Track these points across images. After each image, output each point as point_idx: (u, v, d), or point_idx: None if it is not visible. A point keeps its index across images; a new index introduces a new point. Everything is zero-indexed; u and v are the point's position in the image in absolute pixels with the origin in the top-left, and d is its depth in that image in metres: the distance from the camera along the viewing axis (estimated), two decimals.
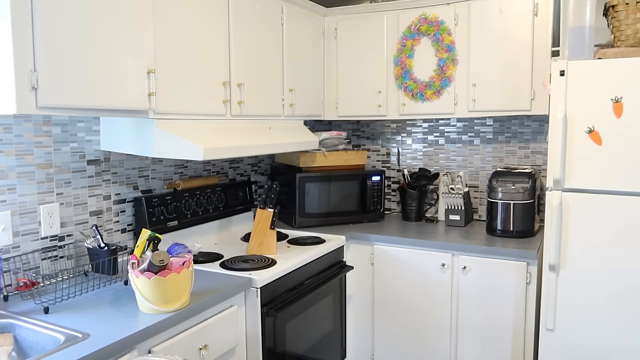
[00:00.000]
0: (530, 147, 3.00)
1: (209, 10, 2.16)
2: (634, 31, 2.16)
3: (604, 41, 2.42)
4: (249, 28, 2.41)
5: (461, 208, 2.93)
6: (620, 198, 2.07)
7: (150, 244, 1.74)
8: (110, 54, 1.68)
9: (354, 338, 2.88)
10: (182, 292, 1.68)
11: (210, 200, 2.61)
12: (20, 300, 1.73)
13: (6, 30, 1.39)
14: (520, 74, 2.64)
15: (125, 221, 2.27)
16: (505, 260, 2.47)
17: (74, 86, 1.56)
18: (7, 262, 1.77)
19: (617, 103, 2.04)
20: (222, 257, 2.32)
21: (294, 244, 2.58)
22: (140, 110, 1.84)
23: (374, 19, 2.98)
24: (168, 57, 1.95)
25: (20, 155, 1.84)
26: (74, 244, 2.02)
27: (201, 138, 2.03)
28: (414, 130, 3.35)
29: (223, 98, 2.26)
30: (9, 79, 1.40)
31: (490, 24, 2.68)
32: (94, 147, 2.11)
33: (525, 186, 2.62)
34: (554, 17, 2.53)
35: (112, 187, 2.20)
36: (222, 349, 1.88)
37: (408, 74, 2.92)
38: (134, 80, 1.78)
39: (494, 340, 2.52)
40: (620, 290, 2.09)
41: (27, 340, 1.54)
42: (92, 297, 1.78)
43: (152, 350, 1.57)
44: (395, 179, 3.42)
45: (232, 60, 2.30)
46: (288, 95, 2.73)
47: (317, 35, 3.02)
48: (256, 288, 2.01)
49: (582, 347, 2.18)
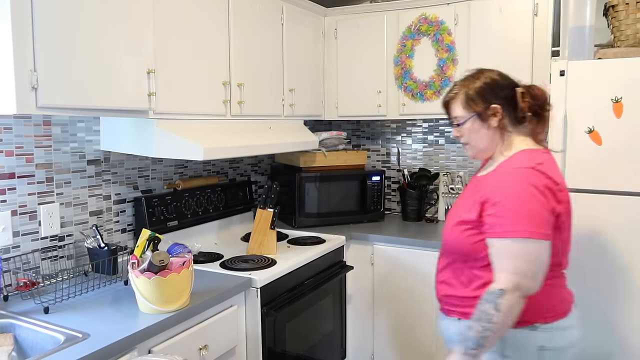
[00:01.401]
0: None
1: (209, 10, 2.15)
2: (634, 31, 2.16)
3: (604, 41, 2.42)
4: (249, 28, 2.41)
5: None
6: (620, 198, 2.07)
7: (150, 244, 1.74)
8: (110, 54, 1.68)
9: (354, 338, 2.88)
10: (182, 292, 1.68)
11: (210, 200, 2.61)
12: (20, 300, 1.73)
13: (6, 30, 1.39)
14: (520, 74, 2.60)
15: (125, 221, 2.27)
16: None
17: (74, 86, 1.56)
18: (7, 262, 1.77)
19: (617, 103, 2.04)
20: (222, 257, 2.32)
21: (294, 244, 2.58)
22: (140, 110, 1.84)
23: (374, 19, 2.98)
24: (168, 57, 1.94)
25: (20, 155, 1.84)
26: (74, 244, 2.02)
27: (201, 138, 2.03)
28: (414, 130, 3.35)
29: (223, 98, 2.26)
30: (9, 79, 1.40)
31: (490, 24, 2.68)
32: (94, 147, 2.11)
33: None
34: (554, 17, 2.53)
35: (112, 187, 2.19)
36: (222, 349, 1.88)
37: (408, 74, 2.92)
38: (134, 80, 1.78)
39: None
40: (621, 290, 2.09)
41: (27, 340, 1.54)
42: (92, 297, 1.78)
43: (152, 350, 1.57)
44: (395, 179, 3.42)
45: (232, 60, 2.30)
46: (288, 95, 2.73)
47: (317, 35, 3.02)
48: (256, 288, 2.01)
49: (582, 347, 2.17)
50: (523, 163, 1.38)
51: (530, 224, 1.30)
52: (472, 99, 1.48)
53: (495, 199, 1.36)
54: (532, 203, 1.32)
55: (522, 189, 1.33)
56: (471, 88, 1.49)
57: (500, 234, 1.33)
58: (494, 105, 1.46)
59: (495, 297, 1.30)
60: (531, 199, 1.32)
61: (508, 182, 1.37)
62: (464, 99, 1.49)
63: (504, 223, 1.32)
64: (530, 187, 1.33)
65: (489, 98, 1.47)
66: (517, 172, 1.37)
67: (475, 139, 1.50)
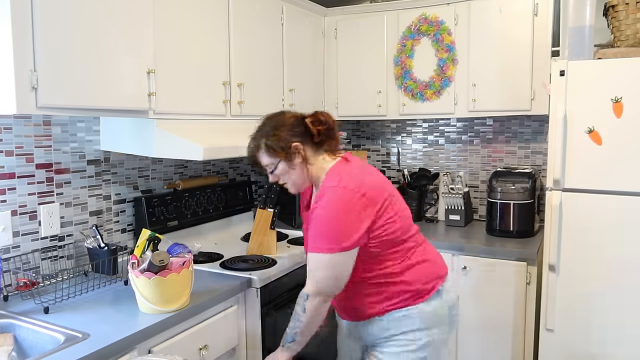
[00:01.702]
0: (530, 147, 3.00)
1: (209, 10, 2.15)
2: (634, 31, 2.16)
3: (604, 41, 2.42)
4: (249, 28, 2.41)
5: (461, 208, 2.93)
6: (620, 198, 2.07)
7: (150, 244, 1.74)
8: (110, 54, 1.68)
9: None
10: (182, 292, 1.68)
11: (210, 200, 2.61)
12: (20, 300, 1.73)
13: (6, 30, 1.39)
14: (520, 74, 2.63)
15: (125, 221, 2.27)
16: (505, 260, 2.47)
17: (74, 86, 1.56)
18: (7, 262, 1.77)
19: (617, 103, 2.04)
20: (222, 257, 2.32)
21: (294, 244, 2.58)
22: (140, 110, 1.84)
23: (374, 19, 2.98)
24: (168, 57, 1.94)
25: (20, 155, 1.84)
26: (74, 244, 2.02)
27: (201, 138, 2.02)
28: (414, 130, 3.35)
29: (223, 98, 2.26)
30: (9, 79, 1.40)
31: (490, 24, 2.68)
32: (94, 147, 2.11)
33: (525, 186, 2.62)
34: (554, 17, 2.53)
35: (112, 187, 2.19)
36: (222, 349, 1.88)
37: (408, 74, 2.92)
38: (134, 80, 1.78)
39: (494, 340, 2.52)
40: (621, 290, 2.09)
41: (27, 340, 1.54)
42: (92, 297, 1.78)
43: (152, 350, 1.57)
44: (395, 179, 3.42)
45: (232, 60, 2.30)
46: (288, 95, 2.73)
47: (317, 35, 3.02)
48: (256, 288, 2.01)
49: (582, 348, 2.18)
50: (332, 182, 1.54)
51: (329, 242, 1.49)
52: (272, 148, 1.59)
53: (314, 217, 1.54)
54: (337, 221, 1.50)
55: (329, 209, 1.51)
56: (269, 138, 1.59)
57: (310, 250, 1.55)
58: (295, 144, 1.57)
59: (303, 300, 1.56)
60: (336, 215, 1.50)
61: (321, 203, 1.53)
62: (266, 149, 1.60)
63: (313, 241, 1.54)
64: (336, 205, 1.50)
65: (287, 140, 1.57)
66: (327, 191, 1.53)
67: (291, 178, 1.63)
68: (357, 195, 1.50)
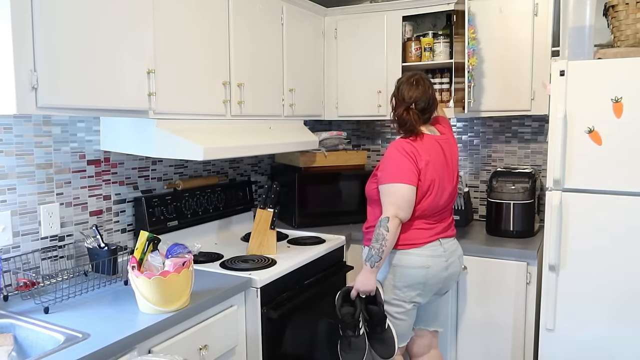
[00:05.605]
0: (530, 147, 3.00)
1: (209, 10, 2.15)
2: (634, 31, 2.16)
3: (604, 41, 2.42)
4: (249, 28, 2.41)
5: (461, 208, 2.93)
6: (620, 198, 2.07)
7: (150, 244, 1.74)
8: (110, 54, 1.68)
9: None
10: (182, 292, 1.68)
11: (210, 200, 2.61)
12: (20, 300, 1.73)
13: (6, 30, 1.39)
14: (520, 73, 2.63)
15: (125, 221, 2.27)
16: (506, 260, 2.47)
17: (73, 86, 1.56)
18: (7, 262, 1.77)
19: (617, 103, 2.04)
20: (222, 257, 2.32)
21: (294, 244, 2.58)
22: (140, 110, 1.84)
23: (374, 19, 2.97)
24: (168, 57, 1.94)
25: (20, 155, 1.84)
26: (74, 244, 2.02)
27: (201, 138, 2.03)
28: None
29: (223, 98, 2.26)
30: (9, 79, 1.40)
31: (490, 24, 2.68)
32: (94, 147, 2.11)
33: (525, 186, 2.62)
34: (554, 17, 2.53)
35: (112, 187, 2.20)
36: (222, 349, 1.88)
37: None
38: (134, 80, 1.78)
39: (494, 341, 2.52)
40: (621, 290, 2.09)
41: (27, 340, 1.54)
42: (92, 297, 1.78)
43: (152, 350, 1.57)
44: None
45: (232, 60, 2.30)
46: (288, 95, 2.73)
47: (317, 35, 3.02)
48: (256, 288, 2.01)
49: (582, 348, 2.18)
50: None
51: (397, 176, 2.03)
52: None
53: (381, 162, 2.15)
54: (400, 161, 2.06)
55: (393, 153, 2.09)
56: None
57: (382, 182, 2.07)
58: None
59: (385, 222, 1.99)
60: (399, 158, 2.06)
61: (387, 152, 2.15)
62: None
63: (383, 176, 2.08)
64: (398, 151, 2.08)
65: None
66: (393, 144, 2.15)
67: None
68: (416, 153, 2.11)
